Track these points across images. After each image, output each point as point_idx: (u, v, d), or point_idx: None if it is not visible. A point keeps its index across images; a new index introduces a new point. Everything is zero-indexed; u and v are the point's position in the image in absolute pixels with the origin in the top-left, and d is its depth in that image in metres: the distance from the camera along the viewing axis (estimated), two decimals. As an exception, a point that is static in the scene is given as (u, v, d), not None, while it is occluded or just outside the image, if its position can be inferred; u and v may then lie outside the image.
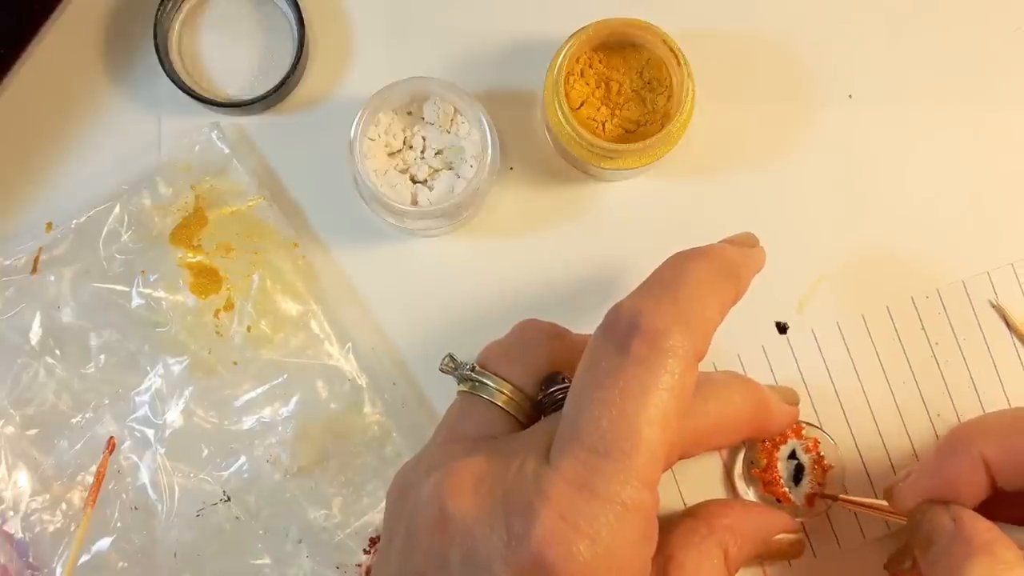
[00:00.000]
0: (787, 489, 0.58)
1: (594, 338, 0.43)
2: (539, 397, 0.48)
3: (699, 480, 0.60)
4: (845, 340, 0.61)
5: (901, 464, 0.60)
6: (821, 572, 0.60)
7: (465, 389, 0.49)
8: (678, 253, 0.46)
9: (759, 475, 0.59)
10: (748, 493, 0.59)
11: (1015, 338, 0.61)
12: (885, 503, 0.54)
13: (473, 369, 0.49)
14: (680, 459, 0.48)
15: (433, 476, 0.43)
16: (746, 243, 0.51)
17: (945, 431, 0.60)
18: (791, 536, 0.55)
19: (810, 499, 0.59)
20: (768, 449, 0.59)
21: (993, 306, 0.61)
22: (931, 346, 0.61)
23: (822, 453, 0.59)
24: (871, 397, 0.61)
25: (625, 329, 0.42)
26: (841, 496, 0.58)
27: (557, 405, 0.47)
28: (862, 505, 0.57)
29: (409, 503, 0.44)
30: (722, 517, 0.51)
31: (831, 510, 0.59)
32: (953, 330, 0.61)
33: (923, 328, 0.61)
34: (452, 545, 0.41)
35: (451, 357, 0.50)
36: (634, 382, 0.41)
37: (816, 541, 0.60)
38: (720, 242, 0.50)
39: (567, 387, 0.47)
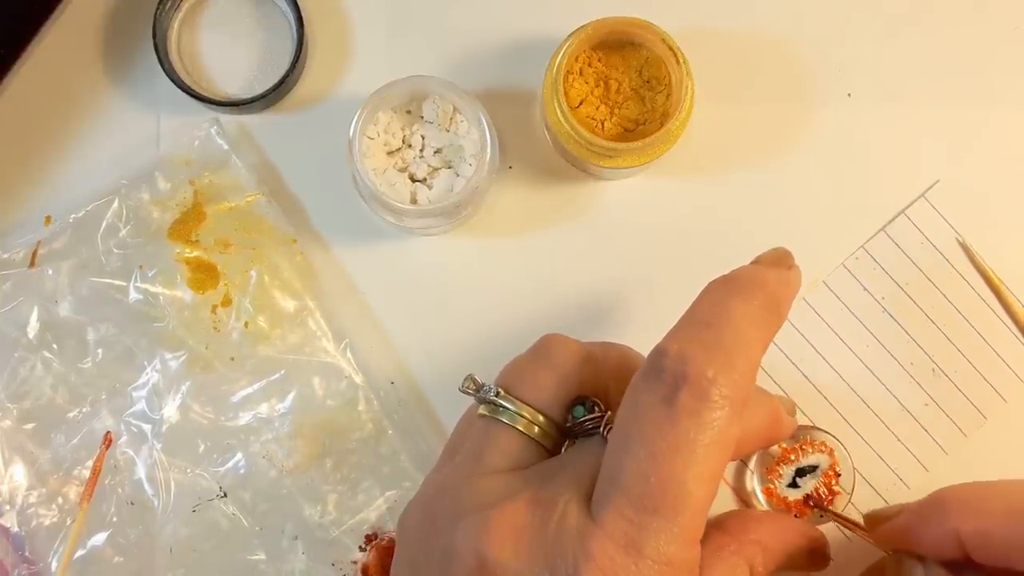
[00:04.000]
0: (782, 491, 0.58)
1: (638, 383, 0.42)
2: (567, 424, 0.47)
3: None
4: (800, 330, 0.61)
5: (906, 436, 0.61)
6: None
7: (486, 412, 0.47)
8: (717, 285, 0.44)
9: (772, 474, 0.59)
10: (754, 476, 0.60)
11: (978, 272, 0.62)
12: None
13: (498, 394, 0.47)
14: None
15: (469, 520, 0.42)
16: (781, 263, 0.48)
17: (923, 378, 0.61)
18: (816, 548, 0.55)
19: (801, 508, 0.58)
20: (786, 454, 0.59)
21: (960, 244, 0.62)
22: (879, 302, 0.62)
23: (836, 456, 0.59)
24: (845, 376, 0.61)
25: (672, 379, 0.40)
26: (831, 511, 0.58)
27: (586, 433, 0.46)
28: (851, 525, 0.56)
29: (440, 542, 0.43)
30: (750, 532, 0.49)
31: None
32: (892, 278, 0.62)
33: (865, 289, 0.62)
34: None
35: (472, 379, 0.48)
36: (683, 437, 0.39)
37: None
38: (753, 264, 0.47)
39: (598, 416, 0.46)
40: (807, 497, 0.58)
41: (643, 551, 0.39)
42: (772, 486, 0.58)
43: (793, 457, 0.58)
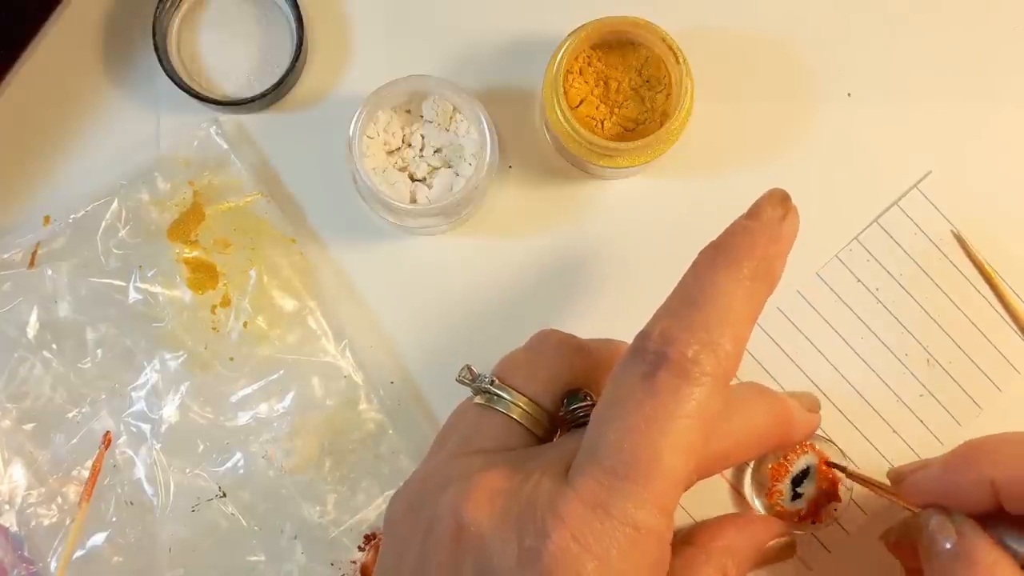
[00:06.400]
0: (789, 506, 0.58)
1: (621, 364, 0.42)
2: (560, 413, 0.48)
3: (704, 487, 0.60)
4: (794, 323, 0.61)
5: (901, 427, 0.61)
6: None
7: (481, 402, 0.48)
8: (706, 256, 0.43)
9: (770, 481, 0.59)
10: (755, 502, 0.59)
11: (971, 262, 0.62)
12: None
13: (492, 383, 0.48)
14: (701, 478, 0.46)
15: (452, 487, 0.43)
16: (776, 211, 0.45)
17: (918, 368, 0.61)
18: (782, 540, 0.55)
19: (813, 510, 0.58)
20: (776, 471, 0.59)
21: (954, 235, 0.62)
22: (872, 293, 0.61)
23: (828, 456, 0.59)
24: (840, 368, 0.61)
25: (653, 358, 0.41)
26: (851, 470, 0.57)
27: (579, 423, 0.47)
28: (872, 484, 0.55)
29: (425, 515, 0.43)
30: (718, 540, 0.50)
31: (833, 520, 0.59)
32: (886, 270, 0.62)
33: (859, 280, 0.62)
34: (466, 556, 0.41)
35: (468, 369, 0.49)
36: (660, 411, 0.40)
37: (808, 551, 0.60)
38: (747, 217, 0.45)
39: (589, 405, 0.47)
40: (814, 502, 0.58)
41: (611, 511, 0.39)
42: (780, 507, 0.58)
43: (783, 472, 0.58)
